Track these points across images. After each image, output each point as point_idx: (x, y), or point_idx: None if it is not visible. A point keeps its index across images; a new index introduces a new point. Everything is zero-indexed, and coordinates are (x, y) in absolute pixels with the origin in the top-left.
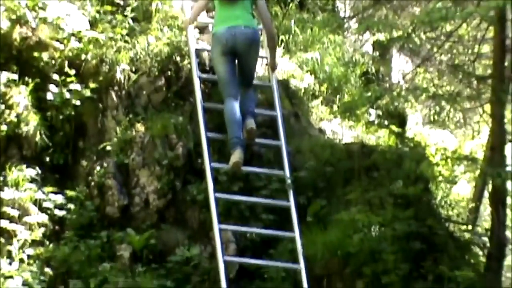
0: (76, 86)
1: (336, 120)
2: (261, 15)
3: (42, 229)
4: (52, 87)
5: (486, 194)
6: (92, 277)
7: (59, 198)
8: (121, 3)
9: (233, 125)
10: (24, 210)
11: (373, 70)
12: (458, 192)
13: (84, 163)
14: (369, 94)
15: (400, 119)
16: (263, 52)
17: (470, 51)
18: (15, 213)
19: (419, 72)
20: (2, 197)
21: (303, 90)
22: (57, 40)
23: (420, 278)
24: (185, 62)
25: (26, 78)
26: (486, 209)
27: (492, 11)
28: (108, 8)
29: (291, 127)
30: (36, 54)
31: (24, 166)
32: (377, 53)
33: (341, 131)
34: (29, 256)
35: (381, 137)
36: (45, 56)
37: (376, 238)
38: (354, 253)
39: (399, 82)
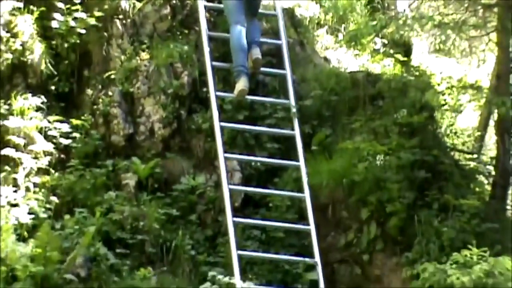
0: (81, 15)
1: (341, 49)
2: None
3: (48, 158)
4: (57, 15)
5: (491, 122)
6: (97, 205)
7: (65, 127)
8: None
9: (239, 53)
10: (29, 138)
11: None
12: (463, 121)
13: (89, 91)
14: (375, 23)
15: (406, 48)
16: None
17: None
18: (20, 141)
19: (424, 1)
20: (7, 125)
21: (308, 19)
22: None
23: (425, 206)
24: None
25: (31, 6)
26: (491, 138)
27: None
28: None
29: (296, 56)
30: None
31: (29, 95)
32: None
33: (346, 60)
34: (34, 185)
35: (387, 66)
36: None
37: (381, 167)
38: (359, 181)
39: (404, 10)
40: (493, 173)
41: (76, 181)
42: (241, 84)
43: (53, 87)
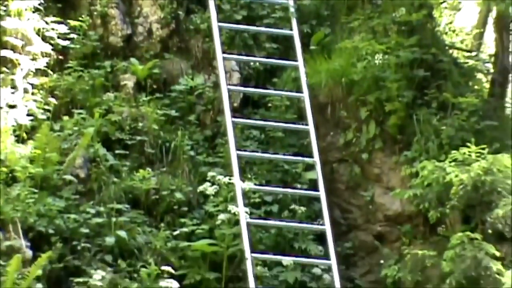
0: None
1: None
2: None
3: (46, 59)
4: None
5: (490, 20)
6: (96, 106)
7: (62, 28)
8: None
9: None
10: (27, 39)
11: None
12: (462, 18)
13: None
14: None
15: None
16: None
17: None
18: (18, 42)
19: None
20: (4, 26)
21: None
22: None
23: (424, 105)
24: None
25: None
26: (490, 36)
27: None
28: None
29: None
30: None
31: None
32: None
33: None
34: (33, 86)
35: None
36: None
37: (379, 66)
38: (358, 81)
39: None
40: (492, 70)
41: (74, 82)
42: None
43: None
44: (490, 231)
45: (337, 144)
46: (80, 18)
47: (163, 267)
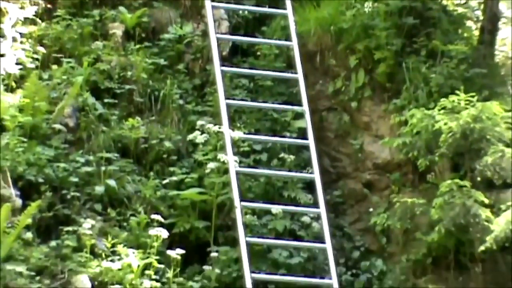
0: None
1: None
2: None
3: (34, 8)
4: None
5: None
6: (85, 55)
7: None
8: None
9: None
10: None
11: None
12: None
13: None
14: None
15: None
16: None
17: None
18: None
19: None
20: None
21: None
22: None
23: (413, 53)
24: None
25: None
26: None
27: None
28: None
29: None
30: None
31: None
32: None
33: None
34: (21, 35)
35: None
36: None
37: (369, 14)
38: (347, 29)
39: None
40: (481, 18)
41: (63, 31)
42: None
43: None
44: (479, 178)
45: (326, 92)
46: None
47: (153, 216)
